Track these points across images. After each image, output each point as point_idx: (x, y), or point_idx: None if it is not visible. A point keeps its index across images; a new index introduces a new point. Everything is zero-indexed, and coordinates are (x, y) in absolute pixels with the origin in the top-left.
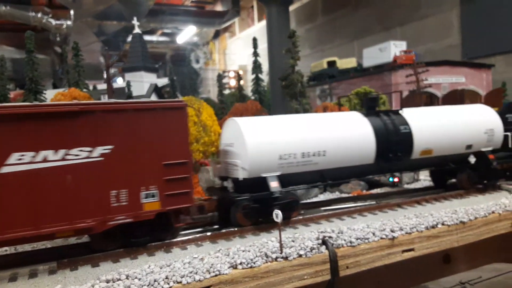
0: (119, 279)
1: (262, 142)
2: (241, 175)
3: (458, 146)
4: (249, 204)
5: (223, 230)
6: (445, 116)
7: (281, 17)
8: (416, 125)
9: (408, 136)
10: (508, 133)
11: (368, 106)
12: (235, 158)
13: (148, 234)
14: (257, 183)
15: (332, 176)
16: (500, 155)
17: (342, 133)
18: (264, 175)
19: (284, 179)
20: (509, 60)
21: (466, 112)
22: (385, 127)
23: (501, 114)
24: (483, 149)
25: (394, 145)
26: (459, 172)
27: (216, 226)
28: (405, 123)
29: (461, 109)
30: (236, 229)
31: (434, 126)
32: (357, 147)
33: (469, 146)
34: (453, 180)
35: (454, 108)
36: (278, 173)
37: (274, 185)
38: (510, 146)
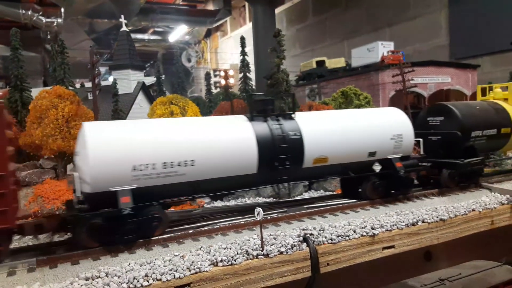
0: (99, 277)
1: (109, 150)
2: (83, 189)
3: (358, 154)
4: (96, 223)
5: (205, 228)
6: (344, 121)
7: (267, 17)
8: (309, 131)
9: (298, 142)
10: (420, 139)
11: (258, 109)
12: (78, 170)
13: None
14: (109, 199)
15: (207, 188)
16: (409, 163)
17: (215, 140)
18: (113, 189)
19: (143, 193)
20: (495, 61)
21: (371, 116)
22: (271, 133)
23: (423, 117)
24: (390, 156)
25: (280, 153)
26: (364, 181)
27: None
28: (296, 128)
29: (365, 113)
30: (217, 226)
31: (330, 132)
32: (234, 155)
33: (372, 153)
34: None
35: (358, 112)
36: (132, 187)
37: (124, 200)
38: (422, 152)
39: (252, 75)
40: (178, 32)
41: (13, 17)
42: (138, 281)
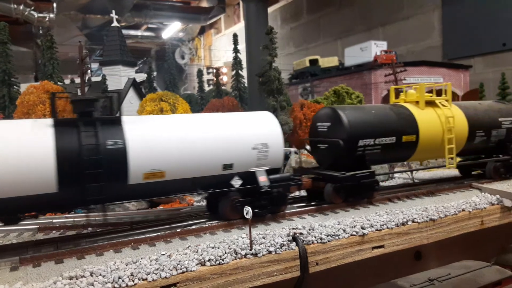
0: (83, 276)
1: None
2: None
3: (209, 166)
4: None
5: (193, 227)
6: (191, 127)
7: (259, 14)
8: (138, 139)
9: (119, 154)
10: (292, 149)
11: (78, 111)
12: None
13: None
14: None
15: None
16: (278, 177)
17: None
18: None
19: None
20: (487, 62)
21: (230, 121)
22: (78, 142)
23: (313, 122)
24: (253, 169)
25: (90, 167)
26: (221, 199)
27: None
28: (119, 136)
29: (224, 118)
30: (207, 225)
31: (168, 140)
32: (20, 171)
33: (228, 166)
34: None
35: (213, 116)
36: None
37: None
38: (293, 164)
39: (244, 72)
40: (172, 29)
41: (4, 12)
42: (123, 281)
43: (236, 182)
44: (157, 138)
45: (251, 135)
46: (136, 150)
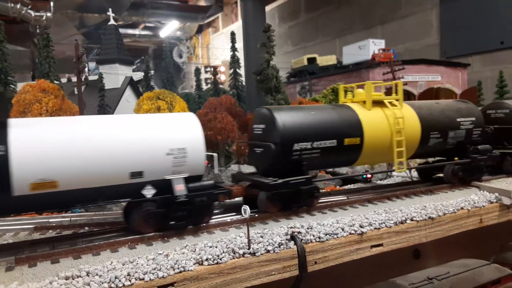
0: (79, 276)
1: None
2: None
3: (113, 174)
4: None
5: (190, 226)
6: (92, 130)
7: (257, 12)
8: (24, 144)
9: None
10: (214, 154)
11: None
12: None
13: None
14: None
15: None
16: (198, 185)
17: None
18: None
19: None
20: (485, 60)
21: (138, 124)
22: None
23: (251, 124)
24: (169, 177)
25: None
26: (133, 210)
27: None
28: (2, 141)
29: (132, 120)
30: (204, 224)
31: (62, 146)
32: None
33: (137, 174)
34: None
35: (119, 118)
36: None
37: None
38: (215, 171)
39: (242, 71)
40: (170, 28)
41: (1, 11)
42: (119, 281)
43: (149, 192)
44: (49, 143)
45: (166, 139)
46: (20, 157)
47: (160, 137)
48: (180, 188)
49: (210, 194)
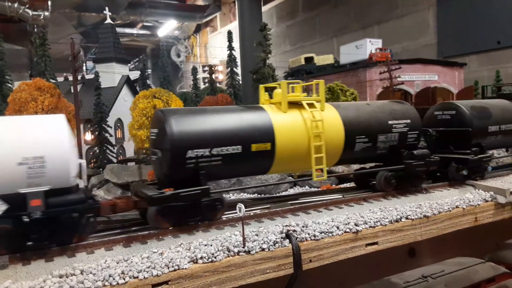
0: (73, 274)
1: None
2: None
3: None
4: None
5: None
6: None
7: (253, 11)
8: None
9: None
10: (82, 161)
11: None
12: None
13: None
14: None
15: None
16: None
17: None
18: None
19: None
20: (481, 60)
21: None
22: None
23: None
24: (23, 191)
25: None
26: None
27: None
28: None
29: None
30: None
31: None
32: None
33: None
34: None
35: None
36: None
37: None
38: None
39: (239, 70)
40: (168, 27)
41: None
42: (113, 279)
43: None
44: None
45: (17, 147)
46: None
47: (10, 144)
48: (35, 204)
49: (75, 209)
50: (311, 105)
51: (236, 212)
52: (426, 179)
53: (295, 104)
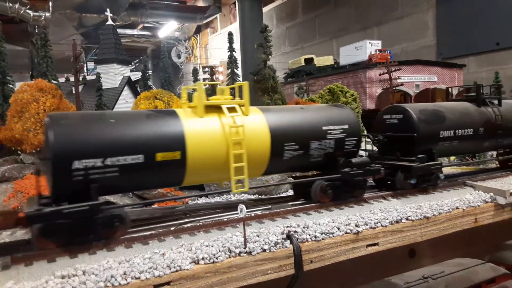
0: (75, 275)
1: None
2: None
3: None
4: None
5: (187, 225)
6: None
7: (253, 12)
8: None
9: None
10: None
11: None
12: None
13: None
14: None
15: None
16: None
17: None
18: None
19: None
20: (480, 61)
21: None
22: None
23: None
24: None
25: None
26: None
27: None
28: None
29: None
30: (200, 223)
31: None
32: None
33: None
34: None
35: None
36: None
37: None
38: None
39: (240, 71)
40: (168, 28)
41: (0, 11)
42: (115, 280)
43: None
44: None
45: None
46: None
47: None
48: None
49: None
50: (232, 110)
51: (237, 213)
52: (368, 188)
53: (215, 108)
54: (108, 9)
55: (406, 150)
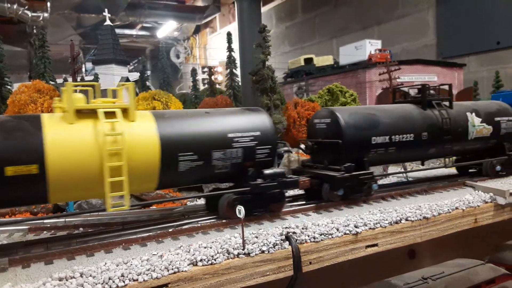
0: (73, 277)
1: None
2: None
3: None
4: None
5: (185, 227)
6: None
7: (252, 12)
8: None
9: None
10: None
11: None
12: None
13: None
14: None
15: None
16: None
17: None
18: None
19: None
20: (481, 60)
21: None
22: None
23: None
24: None
25: None
26: None
27: None
28: None
29: None
30: (199, 224)
31: None
32: None
33: None
34: None
35: None
36: None
37: None
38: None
39: (238, 71)
40: (167, 28)
41: None
42: (113, 282)
43: None
44: None
45: None
46: None
47: None
48: None
49: None
50: (110, 115)
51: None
52: (286, 202)
53: (91, 114)
54: (106, 9)
55: (333, 158)
